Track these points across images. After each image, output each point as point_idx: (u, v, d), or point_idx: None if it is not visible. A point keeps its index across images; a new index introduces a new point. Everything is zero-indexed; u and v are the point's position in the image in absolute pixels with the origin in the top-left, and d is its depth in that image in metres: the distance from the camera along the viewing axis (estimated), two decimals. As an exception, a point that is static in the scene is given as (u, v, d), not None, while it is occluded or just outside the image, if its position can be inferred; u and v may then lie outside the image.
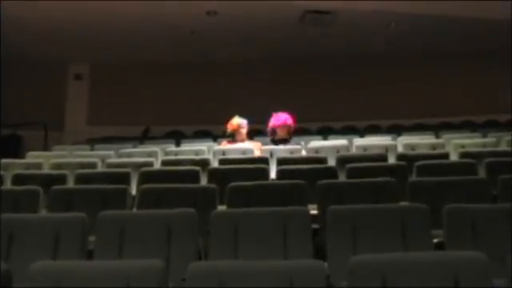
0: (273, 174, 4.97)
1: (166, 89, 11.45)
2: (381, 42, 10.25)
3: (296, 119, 6.41)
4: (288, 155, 5.78)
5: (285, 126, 6.23)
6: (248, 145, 6.28)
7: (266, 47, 10.51)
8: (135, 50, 10.40)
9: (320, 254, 2.80)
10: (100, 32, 9.29)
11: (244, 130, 6.32)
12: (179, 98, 11.37)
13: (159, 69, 11.41)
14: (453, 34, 9.69)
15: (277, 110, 6.45)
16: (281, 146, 6.11)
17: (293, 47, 10.57)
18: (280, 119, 6.24)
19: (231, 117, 6.44)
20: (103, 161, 5.91)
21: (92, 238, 2.87)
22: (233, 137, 6.45)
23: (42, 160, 5.87)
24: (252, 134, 7.30)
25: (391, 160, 5.53)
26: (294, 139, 6.38)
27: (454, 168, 4.53)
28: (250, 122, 6.48)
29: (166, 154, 6.35)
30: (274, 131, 6.33)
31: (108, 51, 10.49)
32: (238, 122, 6.35)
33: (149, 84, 11.46)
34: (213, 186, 3.89)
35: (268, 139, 6.44)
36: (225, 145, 6.38)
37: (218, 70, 11.40)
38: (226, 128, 6.45)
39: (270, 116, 6.42)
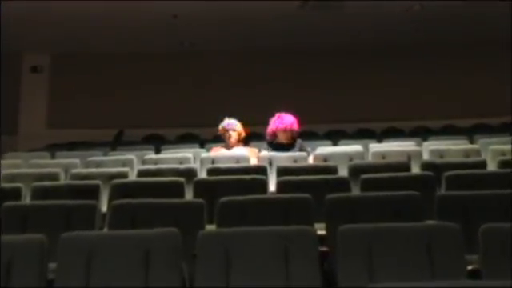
0: (272, 187, 4.99)
1: (144, 84, 11.49)
2: (403, 30, 10.30)
3: (300, 121, 6.45)
4: (290, 164, 5.80)
5: (289, 130, 6.25)
6: (242, 151, 6.29)
7: (264, 36, 10.56)
8: (107, 37, 10.42)
9: (329, 282, 2.81)
10: (63, 13, 9.21)
11: (234, 134, 6.34)
12: (159, 96, 11.40)
13: (135, 60, 11.45)
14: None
15: (278, 110, 6.47)
16: (281, 153, 6.12)
17: (296, 37, 10.63)
18: (284, 122, 6.27)
19: (223, 118, 6.47)
20: (67, 171, 5.90)
21: (52, 265, 2.87)
22: (224, 142, 6.48)
23: (-9, 170, 5.87)
24: (247, 139, 7.33)
25: (415, 169, 5.55)
26: (299, 142, 6.40)
27: (491, 180, 4.55)
28: (245, 124, 6.50)
29: (144, 162, 6.36)
30: (274, 134, 6.35)
31: (73, 38, 10.49)
32: (224, 123, 6.38)
33: (123, 78, 11.49)
34: (200, 200, 3.90)
35: (266, 144, 6.46)
36: (215, 151, 6.40)
37: (206, 62, 11.45)
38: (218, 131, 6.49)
39: (270, 116, 6.44)
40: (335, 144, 7.74)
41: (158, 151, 7.60)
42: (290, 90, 10.99)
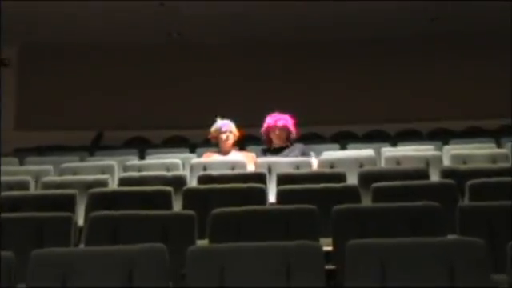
0: (272, 197, 4.99)
1: (126, 80, 11.50)
2: (420, 17, 10.33)
3: (301, 123, 6.46)
4: (292, 170, 5.80)
5: (281, 128, 6.26)
6: (237, 156, 6.29)
7: (262, 27, 10.56)
8: (83, 25, 10.41)
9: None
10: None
11: (225, 136, 6.35)
12: (144, 93, 11.40)
13: (116, 53, 11.46)
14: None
15: (277, 110, 6.49)
16: (282, 159, 6.13)
17: (298, 28, 10.65)
18: (275, 119, 6.29)
19: (215, 119, 6.48)
20: (38, 179, 5.90)
21: (22, 286, 2.87)
22: (217, 146, 6.49)
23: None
24: (243, 142, 7.33)
25: (434, 177, 5.56)
26: (299, 147, 6.41)
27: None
28: (240, 126, 6.51)
29: (126, 169, 6.36)
30: (269, 137, 6.38)
31: (45, 28, 10.48)
32: (217, 125, 6.38)
33: (102, 73, 11.50)
34: (190, 212, 3.90)
35: (260, 151, 6.48)
36: (207, 157, 6.40)
37: (197, 56, 11.46)
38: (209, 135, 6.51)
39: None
40: (343, 148, 7.73)
41: (142, 156, 7.60)
42: (291, 87, 11.02)
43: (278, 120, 6.32)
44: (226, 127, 6.39)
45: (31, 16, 9.95)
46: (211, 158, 6.36)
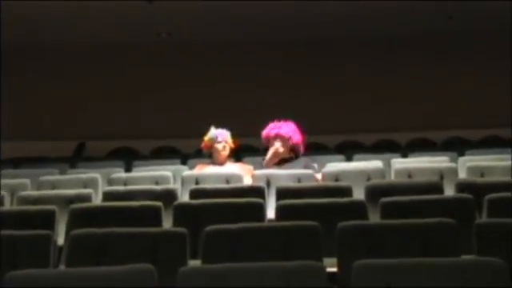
0: (271, 213, 4.98)
1: (111, 84, 11.50)
2: (435, 18, 10.35)
3: (305, 131, 6.46)
4: (293, 184, 5.80)
5: (282, 138, 6.25)
6: (232, 168, 6.29)
7: (259, 24, 10.57)
8: (65, 24, 10.40)
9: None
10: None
11: (221, 146, 6.35)
12: (130, 99, 11.40)
13: (101, 54, 11.47)
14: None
15: (277, 117, 6.49)
16: (282, 171, 6.13)
17: (299, 26, 10.66)
18: (278, 128, 6.27)
19: (209, 128, 6.49)
20: (13, 194, 5.89)
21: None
22: (211, 158, 6.49)
23: None
24: (240, 154, 7.33)
25: (449, 191, 5.56)
26: (304, 160, 6.41)
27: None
28: (235, 135, 6.52)
29: (111, 182, 6.35)
30: (268, 148, 6.37)
31: (22, 24, 10.46)
32: (212, 134, 6.38)
33: (85, 77, 11.50)
34: (181, 230, 3.89)
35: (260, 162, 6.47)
36: (200, 169, 6.40)
37: (189, 57, 11.48)
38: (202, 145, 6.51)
39: (266, 125, 6.46)
40: (349, 159, 7.75)
41: (128, 168, 7.60)
42: (291, 93, 11.03)
43: (281, 128, 6.28)
44: (222, 136, 6.39)
45: (7, 14, 9.93)
46: (205, 170, 6.35)
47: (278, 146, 6.28)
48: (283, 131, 6.29)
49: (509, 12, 9.83)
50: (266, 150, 6.47)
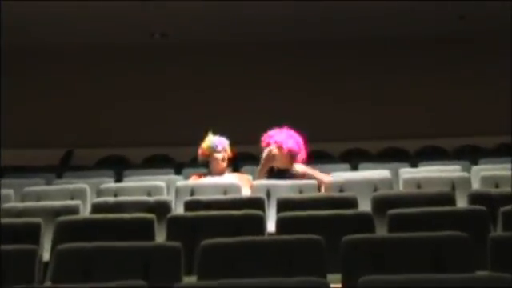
0: (271, 225, 4.98)
1: (101, 89, 11.49)
2: (446, 18, 10.37)
3: (307, 138, 6.45)
4: (295, 195, 5.79)
5: (284, 149, 6.22)
6: (230, 178, 6.29)
7: (258, 24, 10.58)
8: (48, 23, 10.38)
9: None
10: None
11: (220, 156, 6.35)
12: (121, 105, 11.40)
13: (89, 56, 11.46)
14: None
15: (277, 125, 6.49)
16: (282, 181, 6.13)
17: (300, 26, 10.67)
18: (280, 137, 6.24)
19: (206, 135, 6.48)
20: (-4, 206, 5.88)
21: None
22: (207, 167, 6.48)
23: None
24: (238, 163, 7.33)
25: (461, 203, 5.56)
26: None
27: None
28: (235, 143, 6.52)
29: (100, 193, 6.34)
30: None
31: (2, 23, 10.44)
32: (211, 142, 6.37)
33: (72, 80, 11.48)
34: (176, 244, 3.89)
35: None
36: (195, 179, 6.40)
37: (184, 60, 11.47)
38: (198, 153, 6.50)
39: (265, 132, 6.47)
40: (354, 169, 7.75)
41: (118, 178, 7.59)
42: (293, 98, 11.02)
43: (283, 138, 6.25)
44: (222, 145, 6.37)
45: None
46: (200, 181, 6.34)
47: (273, 148, 6.24)
48: (285, 142, 6.23)
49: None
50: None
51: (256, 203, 5.34)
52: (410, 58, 11.47)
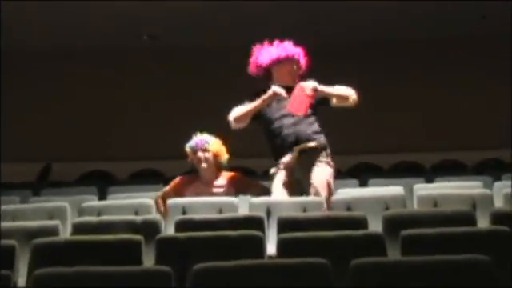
0: (271, 248, 4.99)
1: (83, 96, 11.52)
2: (469, 18, 10.43)
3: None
4: (298, 213, 5.80)
5: (296, 60, 6.28)
6: (223, 182, 6.34)
7: (253, 25, 10.60)
8: (28, 25, 10.44)
9: None
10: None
11: (208, 156, 6.37)
12: (104, 115, 11.41)
13: (70, 61, 11.49)
14: None
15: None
16: (284, 199, 6.13)
17: (301, 29, 10.67)
18: (288, 49, 6.34)
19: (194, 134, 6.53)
20: (-34, 226, 5.87)
21: None
22: (196, 172, 6.48)
23: None
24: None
25: (483, 223, 5.56)
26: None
27: None
28: (231, 157, 6.54)
29: (82, 212, 6.35)
30: (266, 70, 6.49)
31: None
32: (191, 142, 6.41)
33: (51, 87, 11.51)
34: (165, 268, 3.88)
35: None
36: (178, 186, 6.40)
37: (176, 65, 11.51)
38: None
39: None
40: (364, 185, 7.79)
41: (102, 196, 7.60)
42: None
43: (291, 49, 6.60)
44: (202, 143, 6.39)
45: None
46: (186, 187, 6.36)
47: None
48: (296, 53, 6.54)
49: None
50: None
51: (254, 222, 5.35)
52: (423, 65, 11.51)
